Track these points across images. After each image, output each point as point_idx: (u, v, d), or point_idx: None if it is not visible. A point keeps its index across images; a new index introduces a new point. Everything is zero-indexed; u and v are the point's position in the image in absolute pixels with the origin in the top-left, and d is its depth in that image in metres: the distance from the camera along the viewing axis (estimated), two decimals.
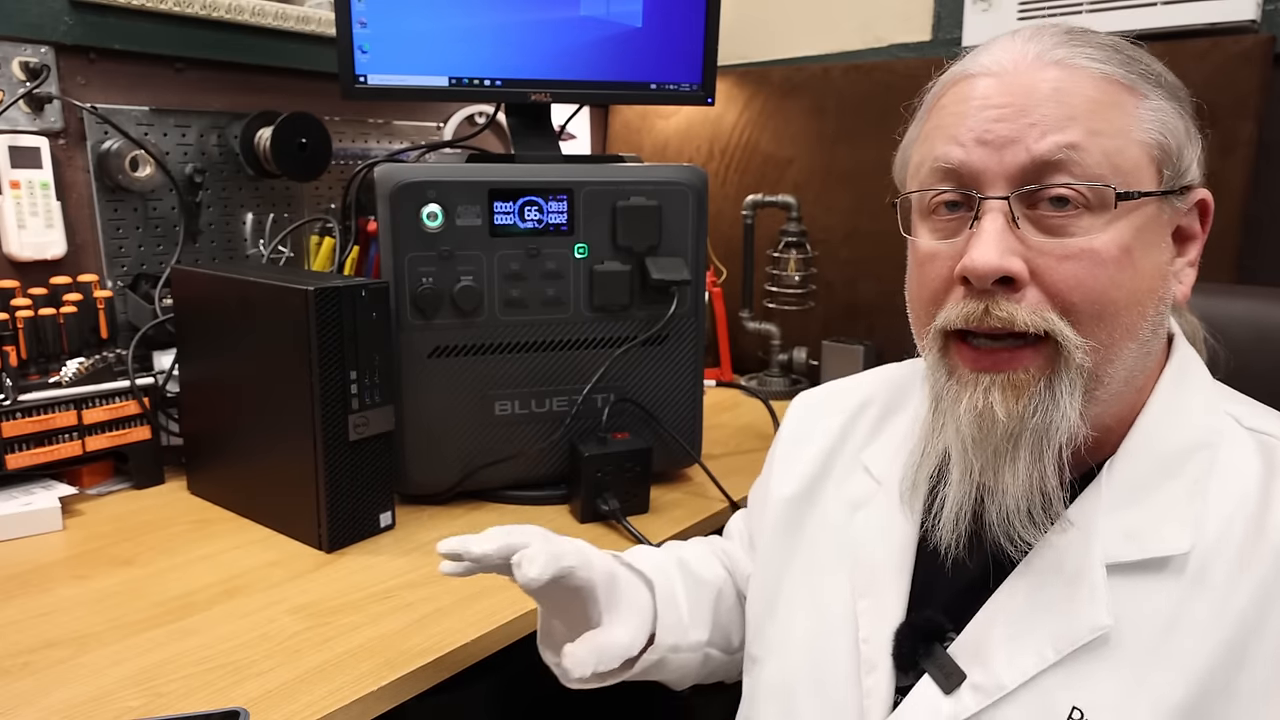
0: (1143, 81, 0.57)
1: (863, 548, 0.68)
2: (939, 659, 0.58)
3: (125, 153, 1.25)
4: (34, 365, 1.14)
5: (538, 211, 1.08)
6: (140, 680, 0.73)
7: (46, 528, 1.02)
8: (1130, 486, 0.57)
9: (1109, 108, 0.55)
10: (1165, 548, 0.54)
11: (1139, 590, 0.54)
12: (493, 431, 1.11)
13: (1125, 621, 0.54)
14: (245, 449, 1.06)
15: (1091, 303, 0.54)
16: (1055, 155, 0.54)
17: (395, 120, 1.61)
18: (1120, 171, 0.54)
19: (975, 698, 0.56)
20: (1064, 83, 0.55)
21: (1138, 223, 0.55)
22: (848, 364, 1.60)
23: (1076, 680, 0.54)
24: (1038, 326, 0.54)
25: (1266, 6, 1.28)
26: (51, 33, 1.19)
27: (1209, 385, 0.63)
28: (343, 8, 1.06)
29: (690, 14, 1.20)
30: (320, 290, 0.93)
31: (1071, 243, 0.54)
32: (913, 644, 0.60)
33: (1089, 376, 0.55)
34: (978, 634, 0.58)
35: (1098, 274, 0.54)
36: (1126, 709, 0.52)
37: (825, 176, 1.69)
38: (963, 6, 1.53)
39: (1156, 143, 0.56)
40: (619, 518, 1.05)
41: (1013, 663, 0.55)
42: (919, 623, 0.61)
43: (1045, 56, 0.56)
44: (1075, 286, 0.54)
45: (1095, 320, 0.54)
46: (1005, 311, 0.55)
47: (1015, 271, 0.54)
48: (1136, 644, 0.53)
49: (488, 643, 0.83)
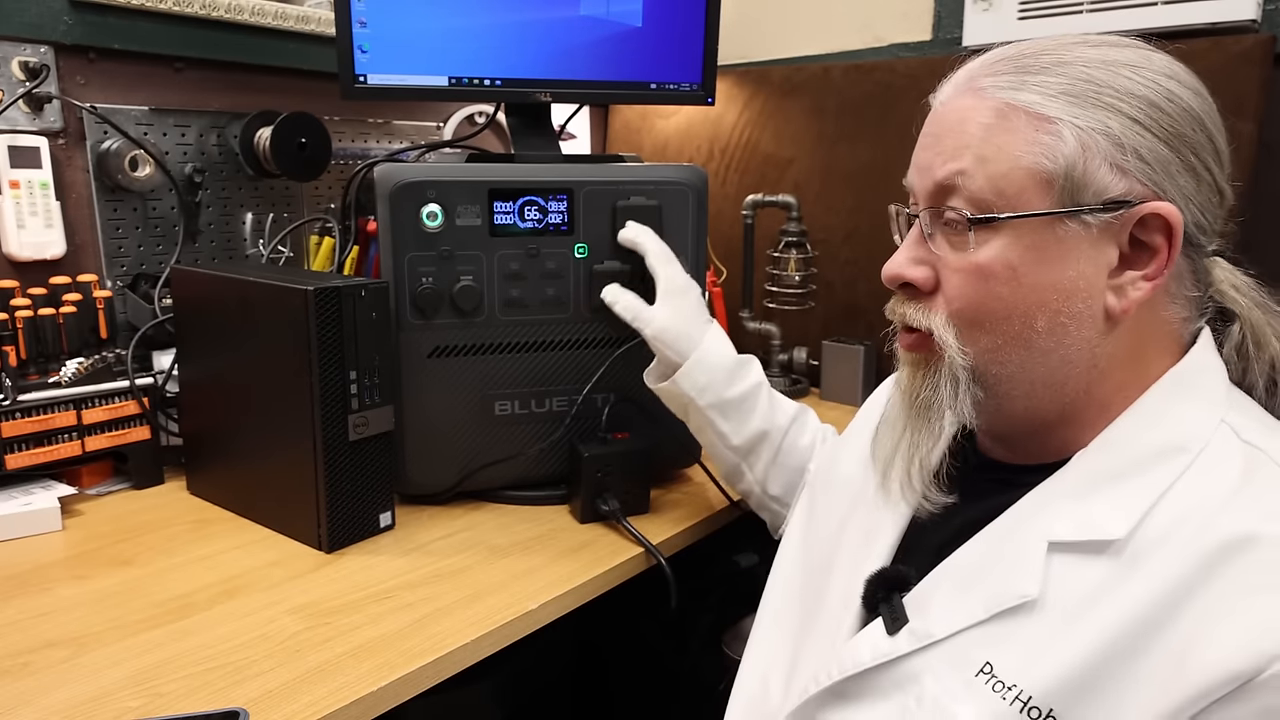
0: (1071, 106, 0.59)
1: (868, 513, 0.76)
2: (894, 605, 0.65)
3: (125, 152, 1.25)
4: (33, 365, 1.13)
5: (538, 211, 1.08)
6: (140, 680, 0.73)
7: (46, 528, 1.02)
8: (1092, 477, 0.61)
9: (1002, 134, 0.60)
10: (1100, 532, 0.58)
11: (1071, 567, 0.59)
12: (493, 431, 1.11)
13: (1051, 593, 0.58)
14: (245, 449, 1.06)
15: (972, 311, 0.62)
16: (948, 180, 0.62)
17: (395, 120, 1.61)
18: (1004, 195, 0.60)
19: (909, 640, 0.63)
20: (968, 112, 0.62)
21: (1027, 240, 0.60)
22: (848, 364, 1.60)
23: (994, 638, 0.59)
24: (924, 326, 0.65)
25: (1266, 6, 1.28)
26: (51, 32, 1.19)
27: (1215, 395, 0.63)
28: (343, 8, 1.06)
29: (690, 14, 1.20)
30: (320, 290, 0.93)
31: (959, 257, 0.62)
32: (879, 589, 0.68)
33: (971, 373, 0.63)
34: (928, 588, 0.65)
35: (977, 287, 0.62)
36: (1030, 666, 0.57)
37: (825, 176, 1.69)
38: (963, 6, 1.53)
39: (1047, 167, 0.59)
40: (619, 518, 1.05)
41: (946, 615, 0.62)
42: (888, 573, 0.68)
43: (970, 84, 0.63)
44: (957, 297, 0.63)
45: (974, 327, 0.63)
46: (901, 310, 0.67)
47: (915, 279, 0.65)
48: (1056, 612, 0.58)
49: (488, 643, 0.83)
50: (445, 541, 1.01)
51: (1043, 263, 0.60)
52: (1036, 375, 0.63)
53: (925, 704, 0.61)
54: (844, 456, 0.86)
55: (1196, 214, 0.61)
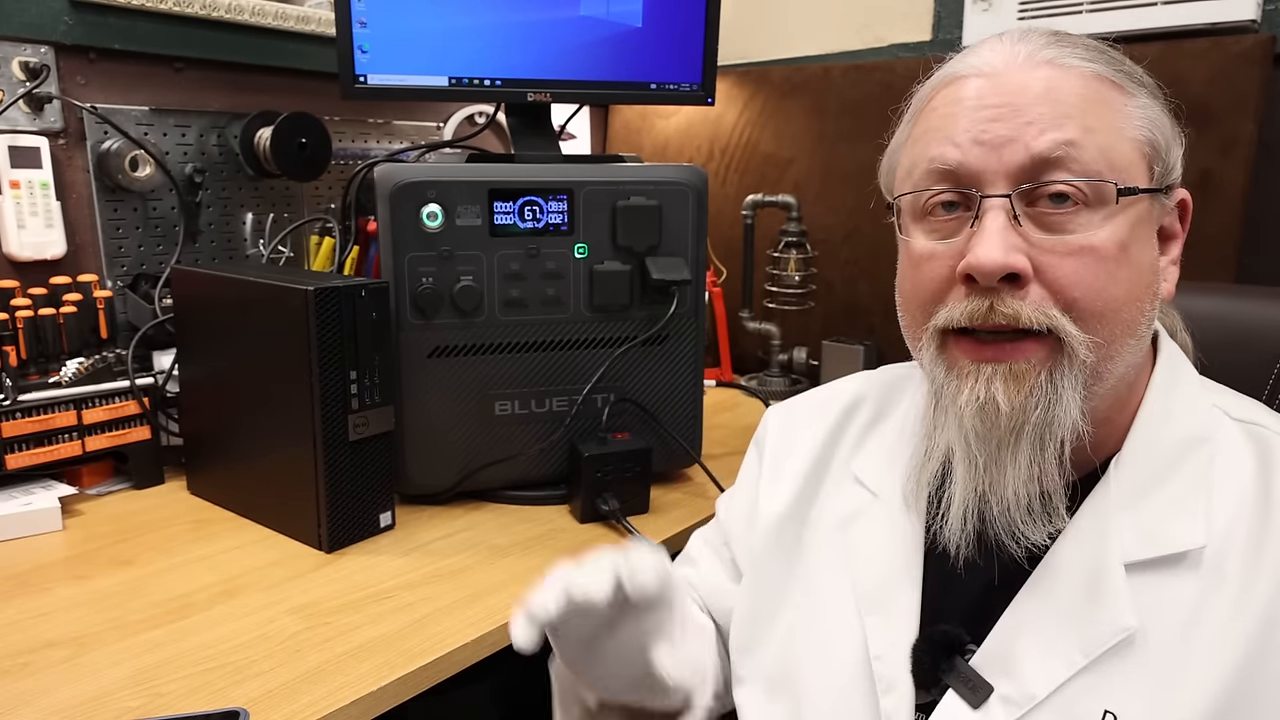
0: (1128, 81, 0.58)
1: (865, 561, 0.66)
2: (962, 673, 0.57)
3: (125, 153, 1.25)
4: (34, 365, 1.13)
5: (538, 211, 1.08)
6: (140, 680, 0.73)
7: (46, 528, 1.02)
8: (1137, 484, 0.57)
9: (1100, 105, 0.56)
10: (1181, 543, 0.54)
11: (1158, 588, 0.54)
12: (493, 431, 1.11)
13: (1148, 620, 0.53)
14: (245, 449, 1.06)
15: (1093, 299, 0.54)
16: (1054, 152, 0.54)
17: (395, 120, 1.61)
18: (1116, 168, 0.55)
19: (1005, 710, 0.55)
20: (1055, 81, 0.56)
21: (1132, 219, 0.56)
22: (848, 364, 1.61)
23: (1106, 683, 0.53)
24: (1041, 323, 0.54)
25: (1266, 6, 1.28)
26: (51, 33, 1.19)
27: (1195, 379, 0.63)
28: (343, 8, 1.06)
29: (690, 14, 1.20)
30: (320, 290, 0.93)
31: (1072, 239, 0.54)
32: (933, 659, 0.58)
33: (1090, 372, 0.55)
34: (1000, 643, 0.57)
35: (1099, 271, 0.54)
36: (1158, 708, 0.52)
37: (825, 176, 1.69)
38: (963, 6, 1.53)
39: (1147, 140, 0.57)
40: (619, 518, 1.05)
41: (1041, 671, 0.54)
42: (936, 636, 0.59)
43: (1035, 57, 0.57)
44: (1077, 283, 0.54)
45: (1097, 317, 0.55)
46: (1010, 308, 0.54)
47: (1020, 268, 0.54)
48: (1162, 642, 0.53)
49: (488, 643, 0.83)
50: (445, 541, 1.01)
51: (1142, 241, 0.57)
52: (1125, 369, 0.57)
53: None
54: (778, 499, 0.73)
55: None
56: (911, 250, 0.61)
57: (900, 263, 0.64)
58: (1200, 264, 1.26)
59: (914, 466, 0.64)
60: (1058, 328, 0.54)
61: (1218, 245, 1.28)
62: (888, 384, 0.75)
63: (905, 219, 0.62)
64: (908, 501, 0.64)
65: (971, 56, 0.60)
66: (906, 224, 0.62)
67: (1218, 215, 1.28)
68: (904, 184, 0.62)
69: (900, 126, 0.66)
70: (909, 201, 0.61)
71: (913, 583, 0.62)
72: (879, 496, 0.67)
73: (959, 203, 0.58)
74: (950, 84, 0.60)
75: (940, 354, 0.59)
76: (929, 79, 0.63)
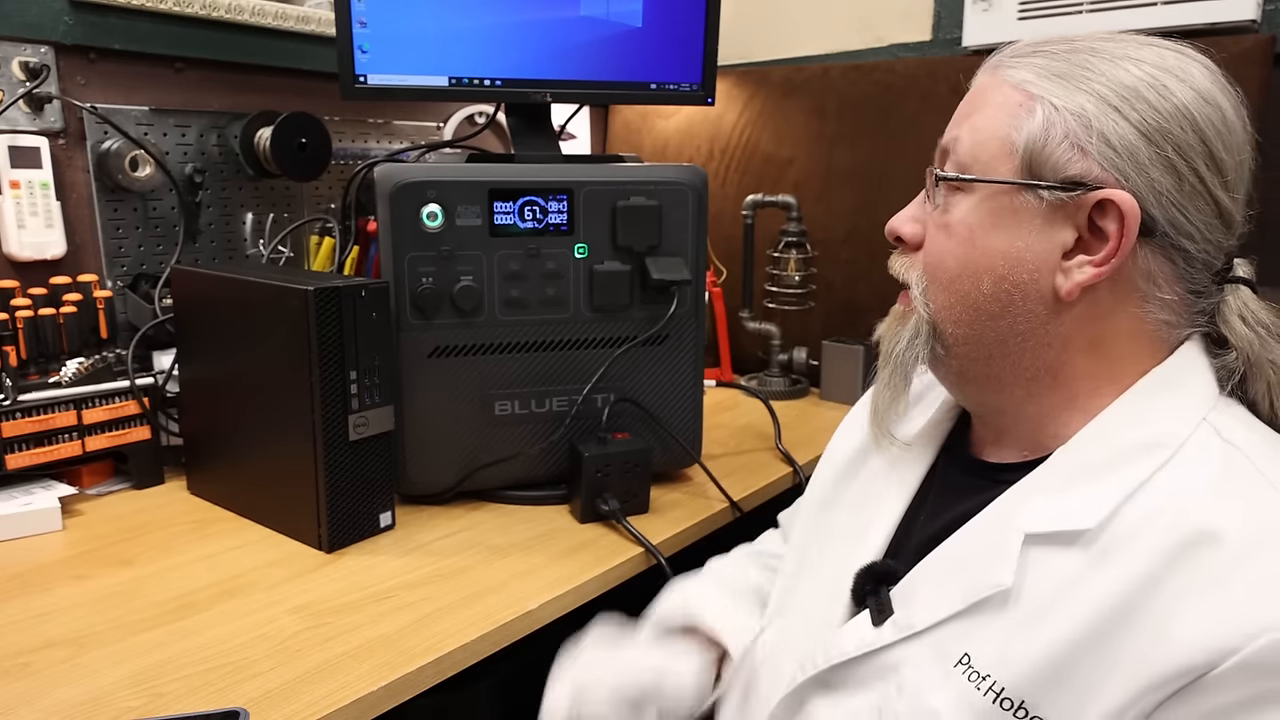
0: (1055, 85, 0.61)
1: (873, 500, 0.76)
2: (881, 597, 0.67)
3: (125, 153, 1.25)
4: (34, 365, 1.14)
5: (538, 211, 1.08)
6: (140, 680, 0.73)
7: (46, 528, 1.02)
8: (1071, 472, 0.62)
9: (993, 107, 0.64)
10: (1071, 522, 0.59)
11: (1046, 559, 0.59)
12: (493, 431, 1.11)
13: (1026, 583, 0.59)
14: (245, 449, 1.06)
15: (932, 267, 0.67)
16: (946, 145, 0.67)
17: (395, 120, 1.61)
18: (978, 161, 0.64)
19: (892, 631, 0.64)
20: (984, 87, 0.66)
21: (989, 206, 0.64)
22: (848, 364, 1.61)
23: (972, 628, 0.60)
24: (901, 277, 0.70)
25: (1266, 6, 1.28)
26: (51, 33, 1.19)
27: (1199, 395, 0.62)
28: (343, 8, 1.06)
29: (690, 14, 1.20)
30: (320, 290, 0.93)
31: (938, 215, 0.67)
32: (867, 583, 0.69)
33: (931, 328, 0.67)
34: (913, 581, 0.66)
35: (941, 244, 0.66)
36: (1004, 657, 0.58)
37: (825, 176, 1.69)
38: (963, 6, 1.53)
39: (1013, 138, 0.62)
40: (619, 518, 1.05)
41: (928, 607, 0.63)
42: (878, 567, 0.70)
43: (991, 63, 0.67)
44: (927, 253, 0.68)
45: (934, 283, 0.67)
46: (893, 261, 0.71)
47: (904, 233, 0.70)
48: (1030, 602, 0.59)
49: (488, 643, 0.83)
50: (445, 541, 1.01)
51: (996, 228, 0.64)
52: (989, 339, 0.66)
53: (905, 693, 0.62)
54: (838, 446, 0.87)
55: (1173, 213, 0.60)
56: None
57: None
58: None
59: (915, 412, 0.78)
60: (909, 280, 0.69)
61: None
62: None
63: None
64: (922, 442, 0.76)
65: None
66: None
67: None
68: None
69: None
70: None
71: (890, 519, 0.73)
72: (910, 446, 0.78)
73: None
74: None
75: None
76: None
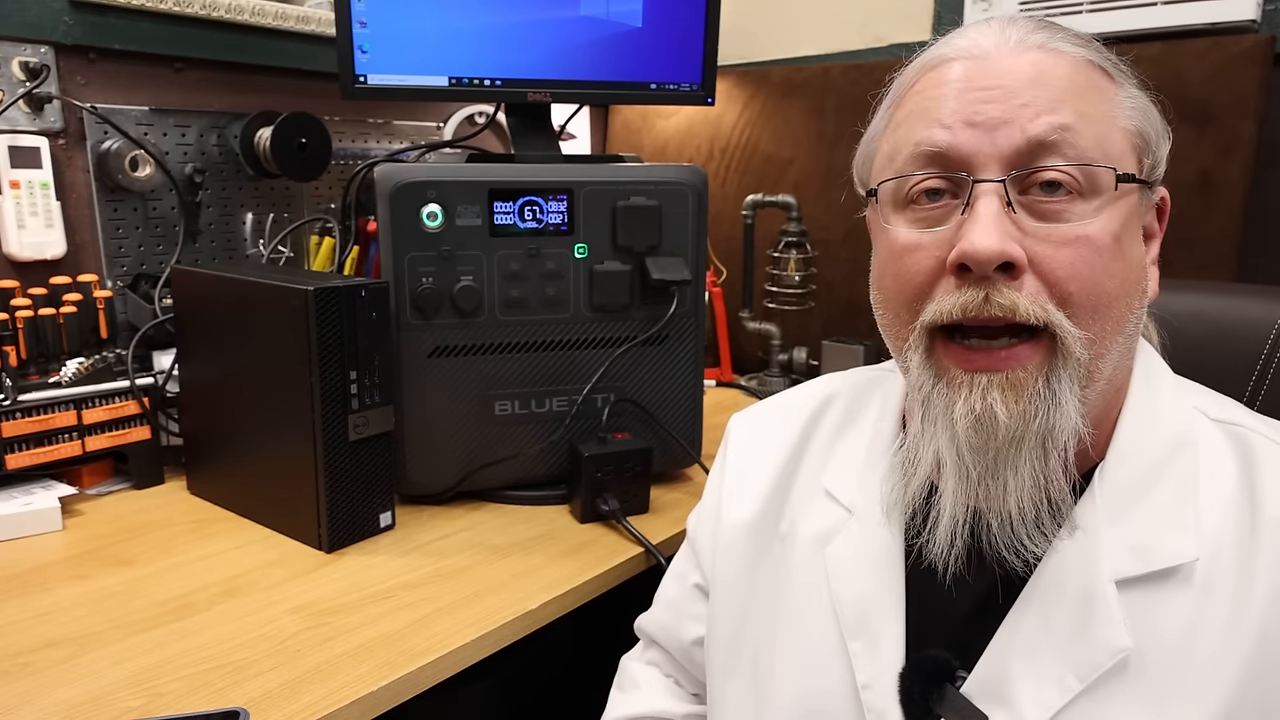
0: (1116, 71, 0.56)
1: (845, 583, 0.61)
2: (954, 702, 0.54)
3: (125, 153, 1.25)
4: (34, 365, 1.13)
5: (538, 211, 1.08)
6: (140, 680, 0.73)
7: (46, 528, 1.02)
8: (1124, 493, 0.55)
9: (1092, 91, 0.54)
10: (1172, 557, 0.52)
11: (1151, 605, 0.51)
12: (493, 431, 1.11)
13: (1143, 640, 0.51)
14: (245, 449, 1.06)
15: (1088, 293, 0.52)
16: (1050, 136, 0.52)
17: (395, 120, 1.61)
18: (1109, 157, 0.53)
19: None
20: (1047, 65, 0.54)
21: (1124, 211, 0.53)
22: (848, 364, 1.60)
23: (1103, 708, 0.51)
24: (1039, 317, 0.51)
25: (1266, 6, 1.28)
26: (51, 33, 1.19)
27: (1172, 380, 0.61)
28: (343, 8, 1.06)
29: (690, 14, 1.20)
30: (320, 290, 0.93)
31: (1067, 229, 0.52)
32: (923, 688, 0.55)
33: (1085, 372, 0.52)
34: (992, 669, 0.54)
35: (1093, 262, 0.51)
36: None
37: (825, 176, 1.69)
38: (963, 6, 1.53)
39: (1138, 130, 0.55)
40: (619, 518, 1.05)
41: (1036, 699, 0.52)
42: (925, 663, 0.56)
43: (1026, 41, 0.55)
44: (1073, 275, 0.51)
45: (1091, 312, 0.52)
46: (1007, 300, 0.51)
47: (1016, 257, 0.51)
48: (1158, 663, 0.50)
49: (488, 643, 0.83)
50: (445, 541, 1.01)
51: (1133, 237, 0.54)
52: (1114, 369, 0.55)
53: None
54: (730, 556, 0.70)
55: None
56: (893, 241, 0.57)
57: (878, 257, 0.60)
58: (1200, 264, 1.26)
59: (893, 480, 0.61)
60: (1054, 323, 0.51)
61: (1218, 245, 1.28)
62: (858, 387, 0.72)
63: (885, 209, 0.59)
64: (889, 516, 0.61)
65: (958, 39, 0.57)
66: (886, 214, 0.58)
67: (1218, 215, 1.28)
68: (885, 171, 0.59)
69: (878, 114, 0.62)
70: (891, 189, 0.57)
71: (897, 604, 0.59)
72: (854, 513, 0.64)
73: (946, 189, 0.55)
74: (936, 67, 0.57)
75: (928, 359, 0.55)
76: (910, 63, 0.60)
